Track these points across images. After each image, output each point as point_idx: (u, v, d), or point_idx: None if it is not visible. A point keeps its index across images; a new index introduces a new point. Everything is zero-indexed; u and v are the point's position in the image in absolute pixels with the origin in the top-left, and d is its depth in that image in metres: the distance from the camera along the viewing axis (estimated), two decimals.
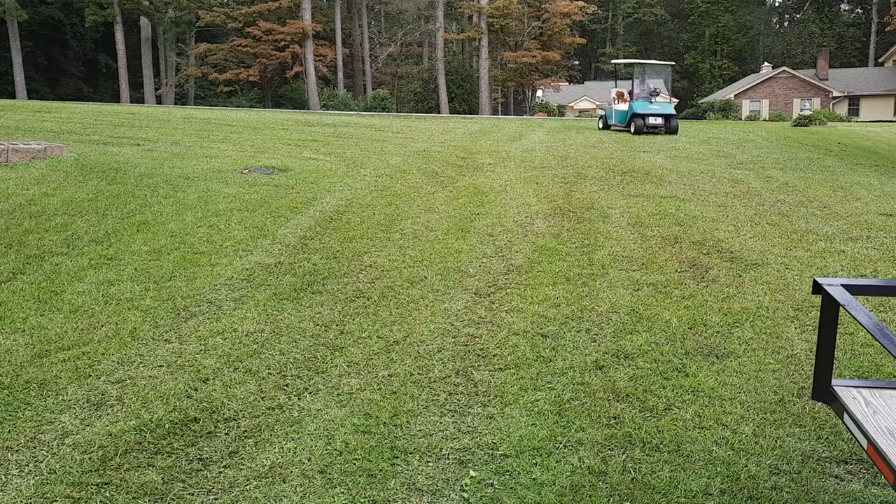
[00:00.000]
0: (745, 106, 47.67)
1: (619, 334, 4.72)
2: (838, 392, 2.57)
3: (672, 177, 11.18)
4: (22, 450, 3.24)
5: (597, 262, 6.30)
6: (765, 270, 6.16)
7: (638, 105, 19.69)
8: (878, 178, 11.74)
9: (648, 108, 19.50)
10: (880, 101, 46.93)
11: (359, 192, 9.15)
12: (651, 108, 19.49)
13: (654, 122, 19.21)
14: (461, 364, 4.24)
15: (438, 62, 49.02)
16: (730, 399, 3.85)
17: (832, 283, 2.64)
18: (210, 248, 6.38)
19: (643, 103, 19.69)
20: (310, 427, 3.49)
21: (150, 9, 47.36)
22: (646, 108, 19.47)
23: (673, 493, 3.03)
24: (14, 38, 45.31)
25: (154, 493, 2.96)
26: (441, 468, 3.19)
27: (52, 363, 4.08)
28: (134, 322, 4.71)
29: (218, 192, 8.66)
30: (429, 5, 54.82)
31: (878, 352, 4.40)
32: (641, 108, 19.55)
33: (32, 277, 5.47)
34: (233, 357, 4.25)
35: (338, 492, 3.00)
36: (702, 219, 8.12)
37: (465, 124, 23.38)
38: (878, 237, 7.41)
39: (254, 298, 5.22)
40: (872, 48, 61.08)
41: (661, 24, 71.52)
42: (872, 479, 3.15)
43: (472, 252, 6.57)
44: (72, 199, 7.72)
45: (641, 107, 19.59)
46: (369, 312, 5.03)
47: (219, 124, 18.66)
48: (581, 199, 9.15)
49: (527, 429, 3.51)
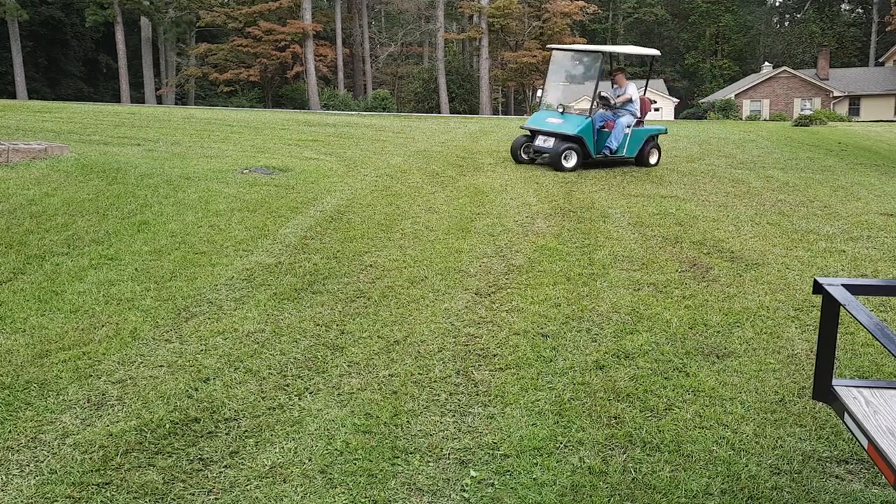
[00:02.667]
0: (746, 106, 47.65)
1: (620, 334, 4.72)
2: (839, 392, 2.57)
3: (672, 176, 11.18)
4: (23, 450, 3.24)
5: (597, 262, 6.30)
6: (765, 270, 6.16)
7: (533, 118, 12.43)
8: (879, 177, 11.74)
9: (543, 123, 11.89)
10: (881, 101, 46.91)
11: (359, 192, 9.15)
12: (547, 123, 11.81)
13: (541, 146, 11.70)
14: (462, 364, 4.24)
15: (439, 62, 49.02)
16: (730, 399, 3.85)
17: (833, 283, 2.63)
18: (210, 248, 6.38)
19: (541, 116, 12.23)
20: (310, 427, 3.49)
21: (150, 9, 47.36)
22: (539, 124, 11.96)
23: (673, 493, 3.03)
24: (14, 38, 45.30)
25: (155, 493, 2.96)
26: (441, 468, 3.19)
27: (52, 363, 4.08)
28: (134, 322, 4.71)
29: (218, 192, 8.66)
30: (429, 5, 54.84)
31: (879, 352, 4.40)
32: (534, 122, 12.18)
33: (33, 277, 5.47)
34: (233, 357, 4.25)
35: (338, 492, 3.00)
36: (702, 218, 8.12)
37: (466, 124, 23.38)
38: (878, 237, 7.41)
39: (254, 298, 5.23)
40: (873, 48, 61.05)
41: (662, 23, 71.49)
42: (873, 479, 3.14)
43: (473, 252, 6.57)
44: (72, 199, 7.73)
45: (535, 121, 12.21)
46: (370, 312, 5.03)
47: (219, 124, 18.65)
48: (581, 198, 9.15)
49: (527, 429, 3.51)
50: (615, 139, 11.52)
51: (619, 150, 11.62)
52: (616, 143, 11.53)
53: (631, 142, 11.69)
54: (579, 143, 11.33)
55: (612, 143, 11.54)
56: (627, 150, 11.71)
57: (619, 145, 11.59)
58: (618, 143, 11.55)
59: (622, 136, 11.55)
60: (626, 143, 11.63)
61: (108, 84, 55.14)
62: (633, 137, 11.67)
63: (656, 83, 57.60)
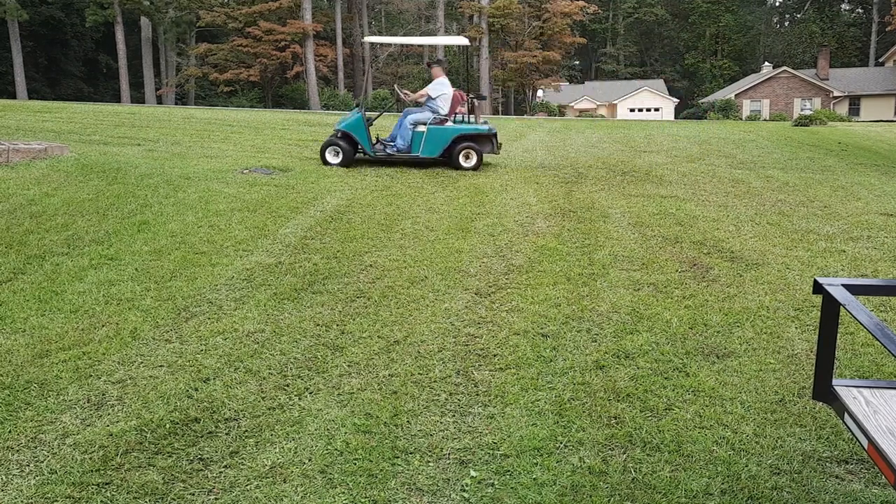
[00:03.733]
0: (746, 106, 47.66)
1: (620, 334, 4.72)
2: (839, 392, 2.57)
3: (672, 177, 11.18)
4: (23, 450, 3.24)
5: (597, 262, 6.30)
6: (765, 270, 6.16)
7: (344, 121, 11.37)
8: (879, 177, 11.74)
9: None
10: (881, 101, 46.91)
11: (359, 192, 9.15)
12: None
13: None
14: (462, 364, 4.24)
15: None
16: (730, 399, 3.85)
17: (833, 283, 2.63)
18: (210, 248, 6.38)
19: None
20: (310, 427, 3.49)
21: (150, 9, 47.36)
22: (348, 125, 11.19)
23: (673, 493, 3.03)
24: (14, 38, 45.30)
25: (155, 493, 2.96)
26: (442, 468, 3.19)
27: (52, 363, 4.08)
28: (134, 322, 4.71)
29: (218, 192, 8.66)
30: (429, 5, 54.85)
31: (879, 351, 4.40)
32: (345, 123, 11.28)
33: (33, 277, 5.47)
34: (233, 357, 4.25)
35: (338, 492, 3.00)
36: (702, 219, 8.12)
37: None
38: (878, 237, 7.41)
39: (254, 298, 5.23)
40: (873, 48, 61.05)
41: (662, 23, 71.51)
42: (873, 479, 3.14)
43: (473, 252, 6.57)
44: (72, 199, 7.73)
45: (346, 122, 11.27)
46: (370, 312, 5.03)
47: (219, 124, 18.66)
48: (581, 198, 9.15)
49: (527, 429, 3.51)
50: (401, 137, 10.99)
51: (412, 149, 10.96)
52: (402, 142, 10.99)
53: (429, 141, 10.88)
54: (347, 138, 10.96)
55: (397, 141, 11.07)
56: (424, 149, 10.90)
57: (407, 144, 10.98)
58: (404, 141, 10.98)
59: (408, 135, 10.94)
60: (420, 142, 10.90)
61: (108, 84, 55.14)
62: (432, 137, 10.89)
63: (656, 83, 57.65)
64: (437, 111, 11.02)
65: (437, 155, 10.99)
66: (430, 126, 10.90)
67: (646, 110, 53.04)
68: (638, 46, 73.92)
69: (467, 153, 11.02)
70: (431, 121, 10.95)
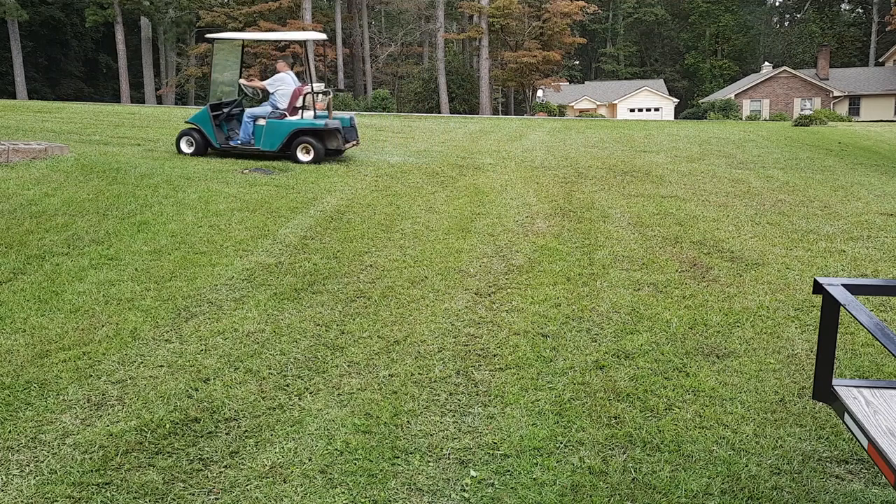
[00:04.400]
0: (746, 106, 47.64)
1: (620, 334, 4.72)
2: (839, 392, 2.57)
3: (672, 177, 11.18)
4: (23, 450, 3.24)
5: (597, 262, 6.30)
6: (765, 270, 6.16)
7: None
8: (879, 177, 11.74)
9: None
10: (881, 101, 46.89)
11: (359, 192, 9.15)
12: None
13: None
14: (462, 364, 4.24)
15: (439, 62, 49.00)
16: (730, 399, 3.85)
17: (833, 283, 2.64)
18: (210, 248, 6.38)
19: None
20: (310, 427, 3.49)
21: (150, 9, 47.34)
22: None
23: (674, 493, 3.02)
24: (14, 38, 45.28)
25: (155, 493, 2.96)
26: (442, 468, 3.19)
27: (52, 363, 4.08)
28: (134, 322, 4.71)
29: (218, 192, 8.66)
30: (429, 5, 54.82)
31: (879, 352, 4.40)
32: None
33: (33, 277, 5.47)
34: (233, 357, 4.25)
35: (338, 492, 3.00)
36: (702, 218, 8.12)
37: (466, 124, 23.37)
38: (878, 237, 7.41)
39: (254, 298, 5.22)
40: (873, 48, 61.03)
41: (662, 23, 71.49)
42: (873, 479, 3.14)
43: (473, 252, 6.57)
44: (72, 199, 7.73)
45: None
46: (370, 312, 5.03)
47: None
48: (581, 198, 9.15)
49: (527, 429, 3.51)
50: (243, 131, 11.30)
51: (255, 142, 11.22)
52: (244, 135, 11.27)
53: (268, 135, 11.15)
54: (197, 132, 11.38)
55: (240, 134, 11.32)
56: (264, 143, 11.18)
57: (249, 137, 11.25)
58: (245, 134, 11.25)
59: (249, 128, 11.23)
60: (261, 135, 11.19)
61: (108, 84, 55.12)
62: (271, 130, 11.14)
63: (656, 83, 57.64)
64: (276, 105, 11.27)
65: (277, 148, 11.19)
66: (269, 120, 11.18)
67: (646, 110, 53.02)
68: (638, 46, 73.90)
69: (306, 147, 11.20)
70: (270, 115, 11.22)
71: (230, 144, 11.36)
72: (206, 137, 11.33)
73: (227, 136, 11.48)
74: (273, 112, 11.18)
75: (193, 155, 11.32)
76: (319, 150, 11.15)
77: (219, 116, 11.42)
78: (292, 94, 11.24)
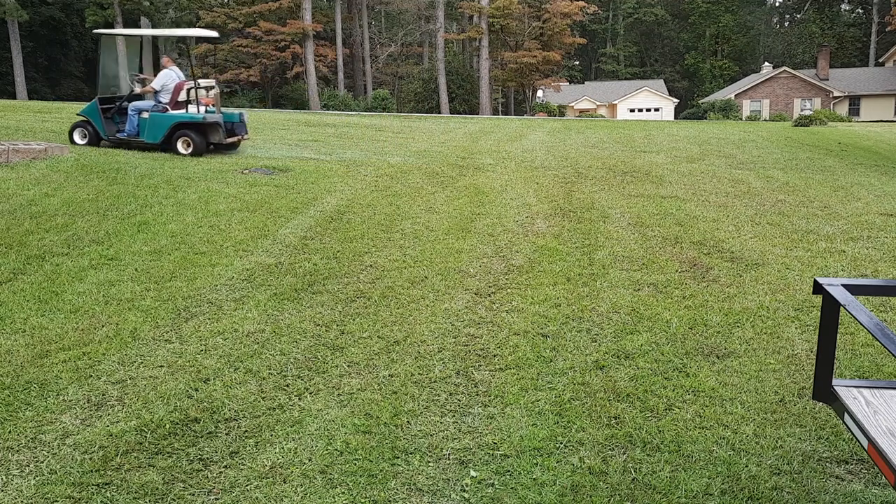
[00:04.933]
0: (746, 106, 47.64)
1: (620, 334, 4.72)
2: (839, 392, 2.57)
3: (672, 177, 11.18)
4: (23, 450, 3.24)
5: (597, 262, 6.30)
6: (765, 270, 6.16)
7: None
8: (879, 178, 11.74)
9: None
10: (881, 101, 46.88)
11: (359, 193, 9.15)
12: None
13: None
14: (462, 364, 4.24)
15: (439, 62, 49.00)
16: (730, 399, 3.85)
17: (833, 283, 2.64)
18: (210, 249, 6.38)
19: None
20: (310, 427, 3.49)
21: (150, 9, 47.36)
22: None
23: (673, 494, 3.02)
24: (14, 38, 45.28)
25: (155, 493, 2.96)
26: (442, 468, 3.19)
27: (52, 363, 4.08)
28: (134, 322, 4.71)
29: (218, 192, 8.66)
30: (429, 5, 54.81)
31: (879, 352, 4.40)
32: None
33: (33, 278, 5.47)
34: (233, 357, 4.25)
35: (338, 492, 3.00)
36: (702, 219, 8.12)
37: (466, 124, 23.38)
38: (878, 237, 7.41)
39: (254, 298, 5.22)
40: (873, 48, 61.03)
41: (662, 24, 71.50)
42: (873, 479, 3.14)
43: (473, 252, 6.57)
44: (72, 200, 7.72)
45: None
46: (370, 312, 5.03)
47: None
48: (581, 199, 9.15)
49: (527, 429, 3.51)
50: (129, 124, 11.65)
51: (140, 134, 11.57)
52: (130, 127, 11.63)
53: (151, 127, 11.49)
54: (88, 124, 11.76)
55: (127, 126, 11.68)
56: (148, 135, 11.52)
57: (135, 129, 11.61)
58: (131, 127, 11.62)
59: (135, 121, 11.60)
60: (145, 128, 11.55)
61: None
62: (153, 123, 11.49)
63: (656, 83, 57.65)
64: (159, 99, 11.64)
65: (160, 141, 11.46)
66: (151, 113, 11.53)
67: (646, 110, 53.02)
68: (638, 47, 73.89)
69: (186, 140, 11.47)
70: (153, 108, 11.57)
71: (118, 136, 11.76)
72: (96, 129, 11.72)
73: (118, 128, 11.89)
74: (156, 105, 11.58)
75: (88, 145, 11.68)
76: (199, 143, 11.47)
77: (110, 109, 11.81)
78: (174, 88, 11.61)
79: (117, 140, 11.69)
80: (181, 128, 11.43)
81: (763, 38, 69.03)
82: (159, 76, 11.63)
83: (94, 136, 11.77)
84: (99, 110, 11.59)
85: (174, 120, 11.41)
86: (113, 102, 11.91)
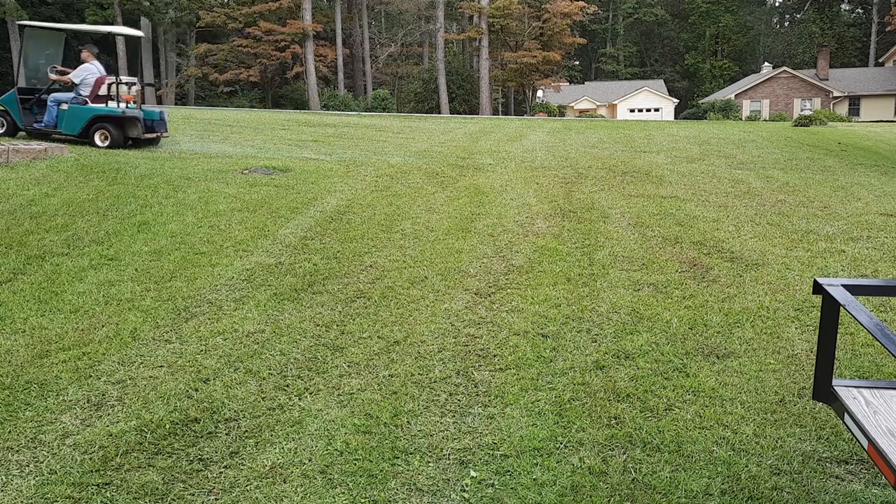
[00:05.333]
0: (746, 106, 47.66)
1: (620, 334, 4.72)
2: (839, 392, 2.57)
3: (672, 177, 11.18)
4: (22, 450, 3.24)
5: (597, 263, 6.30)
6: (765, 270, 6.16)
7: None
8: (879, 178, 11.74)
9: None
10: (881, 101, 46.90)
11: (359, 193, 9.15)
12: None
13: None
14: (462, 364, 4.24)
15: (439, 62, 49.01)
16: (730, 399, 3.85)
17: (833, 284, 2.64)
18: (210, 249, 6.38)
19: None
20: (310, 427, 3.49)
21: (150, 9, 47.35)
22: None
23: (673, 494, 3.02)
24: (14, 38, 45.27)
25: (154, 493, 2.96)
26: (442, 468, 3.19)
27: (52, 363, 4.08)
28: (134, 322, 4.71)
29: (218, 192, 8.66)
30: (429, 5, 54.81)
31: (879, 352, 4.40)
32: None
33: (33, 278, 5.47)
34: (233, 357, 4.25)
35: (338, 492, 3.00)
36: (702, 219, 8.12)
37: (466, 124, 23.38)
38: (878, 237, 7.41)
39: (254, 299, 5.22)
40: (873, 48, 61.04)
41: (662, 24, 71.51)
42: (873, 480, 3.14)
43: (473, 252, 6.57)
44: (72, 200, 7.72)
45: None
46: (370, 313, 5.03)
47: (219, 124, 18.67)
48: (581, 199, 9.15)
49: (527, 429, 3.51)
50: (47, 114, 11.80)
51: (57, 125, 11.72)
52: (49, 118, 11.78)
53: (69, 119, 11.66)
54: (6, 113, 11.90)
55: (45, 117, 11.82)
56: (66, 126, 11.69)
57: (53, 120, 11.75)
58: (49, 118, 11.78)
59: (53, 112, 11.75)
60: (63, 119, 11.71)
61: None
62: (72, 115, 11.67)
63: (656, 83, 57.68)
64: (79, 92, 11.79)
65: (77, 133, 11.60)
66: (70, 105, 11.68)
67: (646, 110, 53.04)
68: (638, 47, 73.90)
69: (104, 133, 11.64)
70: (73, 100, 11.69)
71: (35, 127, 11.87)
72: (14, 119, 11.86)
73: (36, 118, 12.02)
74: (76, 98, 11.71)
75: (4, 135, 11.75)
76: (117, 136, 11.61)
77: (30, 100, 11.97)
78: (95, 82, 11.79)
79: (35, 130, 11.86)
80: (99, 120, 11.59)
81: (763, 38, 69.04)
82: (79, 69, 11.86)
83: (12, 126, 11.93)
84: (17, 100, 11.77)
85: (93, 112, 11.57)
86: (33, 94, 12.11)
